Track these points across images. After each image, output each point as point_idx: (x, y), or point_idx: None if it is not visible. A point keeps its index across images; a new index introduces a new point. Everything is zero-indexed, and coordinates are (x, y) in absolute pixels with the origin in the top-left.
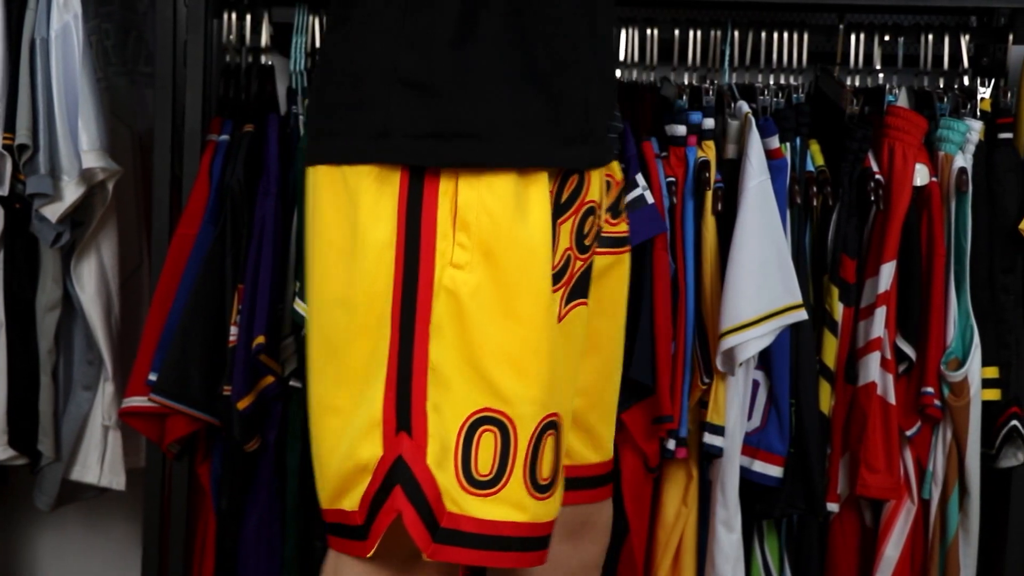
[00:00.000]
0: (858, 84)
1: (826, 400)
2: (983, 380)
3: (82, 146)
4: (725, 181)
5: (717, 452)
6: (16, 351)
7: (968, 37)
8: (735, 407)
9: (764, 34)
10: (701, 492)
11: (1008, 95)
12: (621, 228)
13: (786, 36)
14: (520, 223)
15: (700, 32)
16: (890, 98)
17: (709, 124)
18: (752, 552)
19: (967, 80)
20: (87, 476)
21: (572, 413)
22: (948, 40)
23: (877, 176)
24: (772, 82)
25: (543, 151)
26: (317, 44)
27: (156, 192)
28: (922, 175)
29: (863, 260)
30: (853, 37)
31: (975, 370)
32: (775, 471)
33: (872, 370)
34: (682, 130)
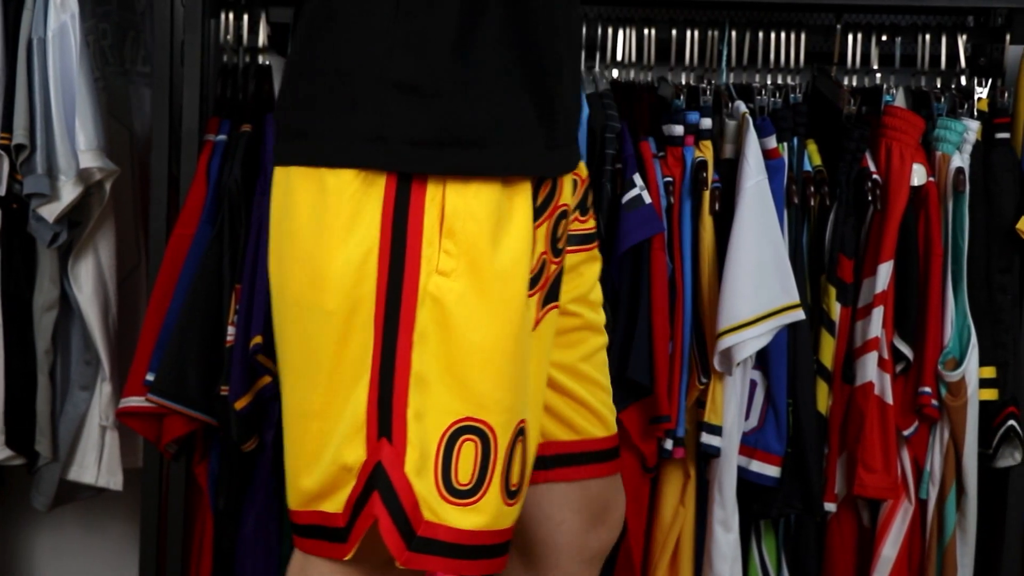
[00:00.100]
0: (855, 84)
1: (823, 400)
2: (980, 380)
3: (79, 146)
4: (722, 181)
5: (715, 452)
6: (13, 351)
7: (965, 37)
8: (732, 407)
9: (761, 34)
10: (699, 492)
11: (1005, 95)
12: (589, 225)
13: (783, 36)
14: (505, 230)
15: (697, 32)
16: (887, 98)
17: (706, 124)
18: (750, 552)
19: (964, 80)
20: (84, 476)
21: (570, 392)
22: (945, 40)
23: (874, 176)
24: (769, 82)
25: (536, 158)
26: None
27: (153, 192)
28: (919, 175)
29: (860, 260)
30: (850, 37)
31: (972, 370)
32: (772, 471)
33: (869, 370)
34: (679, 130)
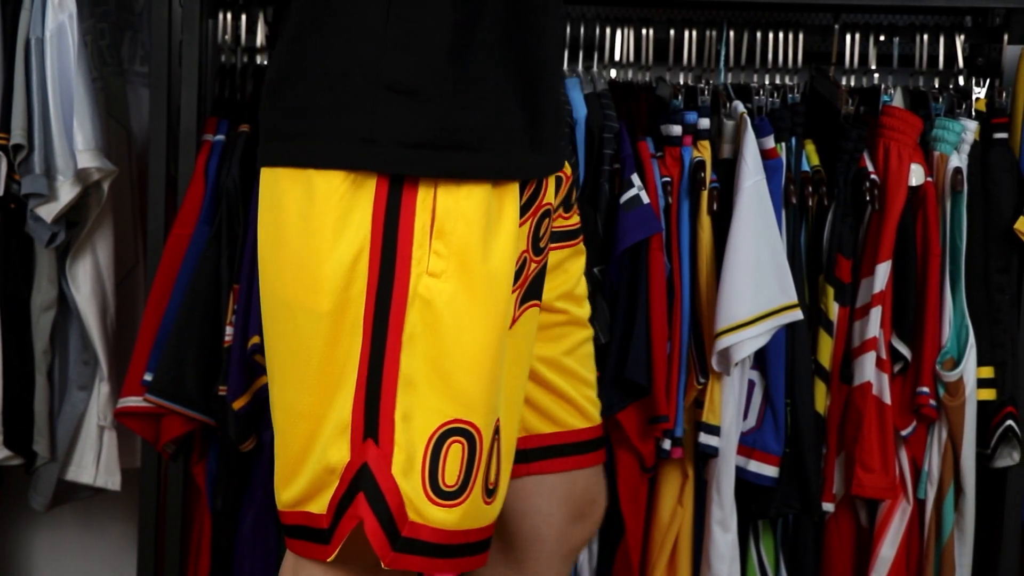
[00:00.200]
0: (853, 84)
1: (821, 400)
2: (978, 380)
3: (77, 146)
4: (721, 181)
5: (713, 452)
6: (11, 351)
7: (963, 37)
8: (731, 407)
9: (760, 34)
10: (697, 492)
11: (1003, 95)
12: (573, 221)
13: (781, 36)
14: (494, 231)
15: (696, 32)
16: (885, 98)
17: (705, 124)
18: (748, 552)
19: (962, 80)
20: (82, 476)
21: (551, 386)
22: (943, 40)
23: (872, 176)
24: (767, 82)
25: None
26: None
27: (151, 192)
28: (917, 175)
29: (858, 260)
30: (848, 37)
31: (970, 370)
32: (771, 471)
33: (867, 370)
34: (678, 130)
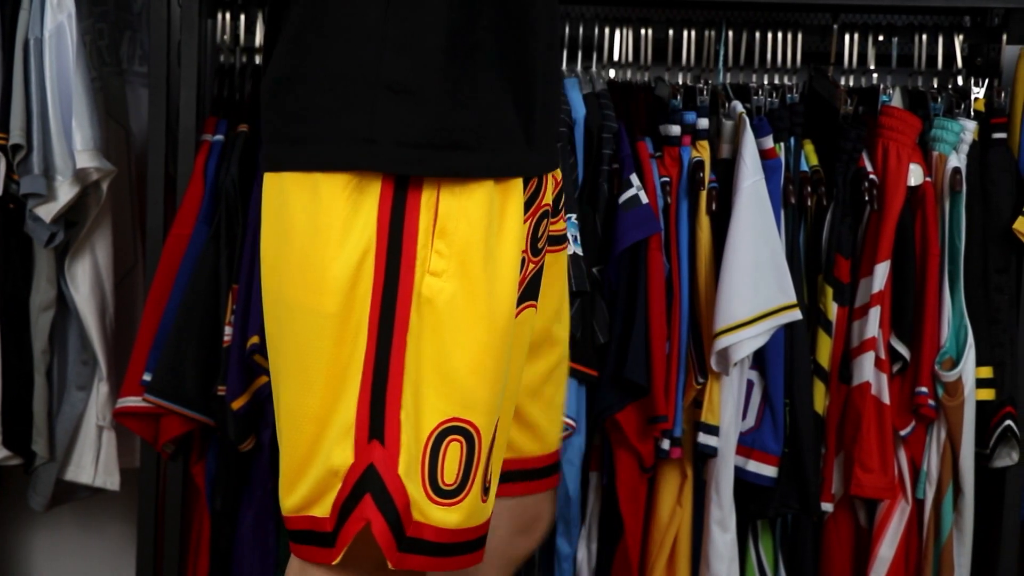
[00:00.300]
0: (852, 84)
1: (820, 400)
2: (977, 380)
3: (76, 146)
4: (719, 181)
5: (712, 452)
6: (10, 351)
7: (962, 37)
8: (730, 407)
9: (758, 34)
10: (696, 492)
11: (1002, 95)
12: (559, 226)
13: (780, 36)
14: (497, 231)
15: (694, 32)
16: (884, 98)
17: (703, 124)
18: (747, 552)
19: (961, 80)
20: (81, 476)
21: (521, 414)
22: (942, 40)
23: (871, 176)
24: (766, 82)
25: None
26: None
27: (150, 192)
28: (916, 175)
29: (857, 260)
30: (847, 37)
31: (969, 370)
32: (769, 471)
33: (866, 370)
34: (676, 130)
